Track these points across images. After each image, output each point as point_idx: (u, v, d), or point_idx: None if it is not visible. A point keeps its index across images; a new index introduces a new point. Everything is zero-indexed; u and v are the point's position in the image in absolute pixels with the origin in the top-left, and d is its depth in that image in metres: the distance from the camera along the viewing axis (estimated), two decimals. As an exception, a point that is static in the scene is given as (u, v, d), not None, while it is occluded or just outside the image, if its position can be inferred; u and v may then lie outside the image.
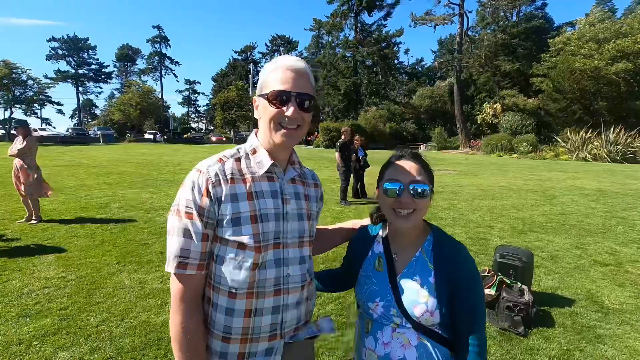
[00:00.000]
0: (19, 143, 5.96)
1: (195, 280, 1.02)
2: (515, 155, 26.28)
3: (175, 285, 1.01)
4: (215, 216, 1.00)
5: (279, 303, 1.06)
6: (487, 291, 3.43)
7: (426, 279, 1.11)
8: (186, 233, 0.99)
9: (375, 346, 1.13)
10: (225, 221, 1.00)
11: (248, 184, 1.04)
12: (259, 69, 71.70)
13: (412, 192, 1.10)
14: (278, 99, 1.01)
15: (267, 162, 1.07)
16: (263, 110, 1.06)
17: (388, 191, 1.13)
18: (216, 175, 1.01)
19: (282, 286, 1.06)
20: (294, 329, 1.11)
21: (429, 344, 1.08)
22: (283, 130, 1.03)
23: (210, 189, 0.99)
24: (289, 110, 1.01)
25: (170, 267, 1.00)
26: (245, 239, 1.00)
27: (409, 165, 1.14)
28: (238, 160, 1.08)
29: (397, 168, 1.15)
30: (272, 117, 1.03)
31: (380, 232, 1.26)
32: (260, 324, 1.04)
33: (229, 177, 1.03)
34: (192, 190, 0.99)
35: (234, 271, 1.01)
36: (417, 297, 1.09)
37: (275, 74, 1.04)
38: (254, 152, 1.10)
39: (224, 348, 1.03)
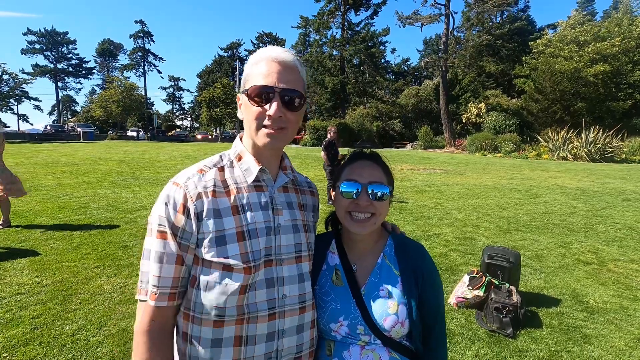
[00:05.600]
0: None
1: (165, 312, 0.90)
2: (499, 154, 26.78)
3: (140, 315, 0.90)
4: (194, 236, 0.89)
5: (274, 329, 0.93)
6: (475, 292, 3.42)
7: (393, 287, 1.05)
8: (157, 256, 0.88)
9: None
10: (207, 240, 0.88)
11: (232, 196, 0.92)
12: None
13: (370, 194, 1.02)
14: (260, 95, 0.89)
15: (255, 168, 0.95)
16: (245, 109, 0.94)
17: (344, 193, 1.04)
18: (195, 188, 0.89)
19: (278, 309, 0.93)
20: (293, 359, 0.98)
21: (399, 359, 1.03)
22: (265, 130, 0.91)
23: (189, 205, 0.87)
24: (272, 109, 0.88)
25: (139, 295, 0.90)
26: (231, 260, 0.88)
27: (367, 165, 1.07)
28: (221, 169, 0.96)
29: (355, 168, 1.07)
30: (254, 117, 0.91)
31: (333, 242, 1.15)
32: (252, 353, 0.90)
33: (210, 189, 0.91)
34: (166, 205, 0.88)
35: (219, 297, 0.88)
36: (386, 309, 1.02)
37: (258, 67, 0.91)
38: (240, 158, 0.98)
39: None
